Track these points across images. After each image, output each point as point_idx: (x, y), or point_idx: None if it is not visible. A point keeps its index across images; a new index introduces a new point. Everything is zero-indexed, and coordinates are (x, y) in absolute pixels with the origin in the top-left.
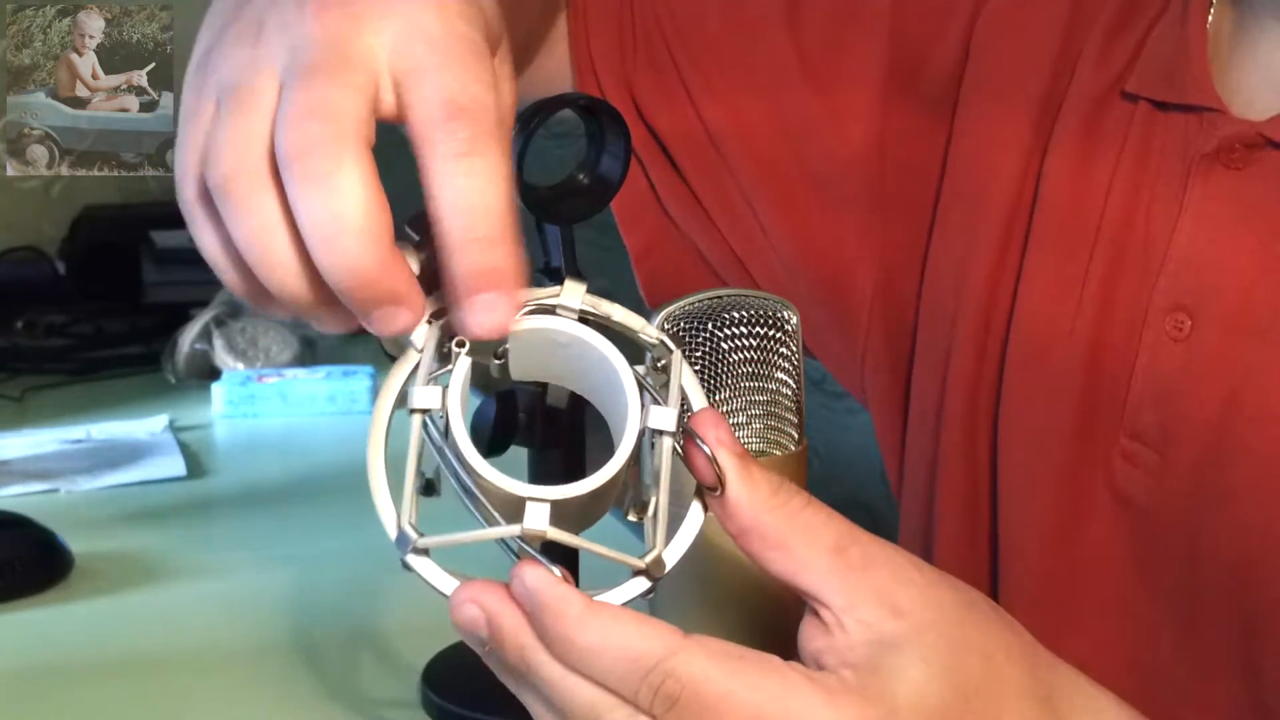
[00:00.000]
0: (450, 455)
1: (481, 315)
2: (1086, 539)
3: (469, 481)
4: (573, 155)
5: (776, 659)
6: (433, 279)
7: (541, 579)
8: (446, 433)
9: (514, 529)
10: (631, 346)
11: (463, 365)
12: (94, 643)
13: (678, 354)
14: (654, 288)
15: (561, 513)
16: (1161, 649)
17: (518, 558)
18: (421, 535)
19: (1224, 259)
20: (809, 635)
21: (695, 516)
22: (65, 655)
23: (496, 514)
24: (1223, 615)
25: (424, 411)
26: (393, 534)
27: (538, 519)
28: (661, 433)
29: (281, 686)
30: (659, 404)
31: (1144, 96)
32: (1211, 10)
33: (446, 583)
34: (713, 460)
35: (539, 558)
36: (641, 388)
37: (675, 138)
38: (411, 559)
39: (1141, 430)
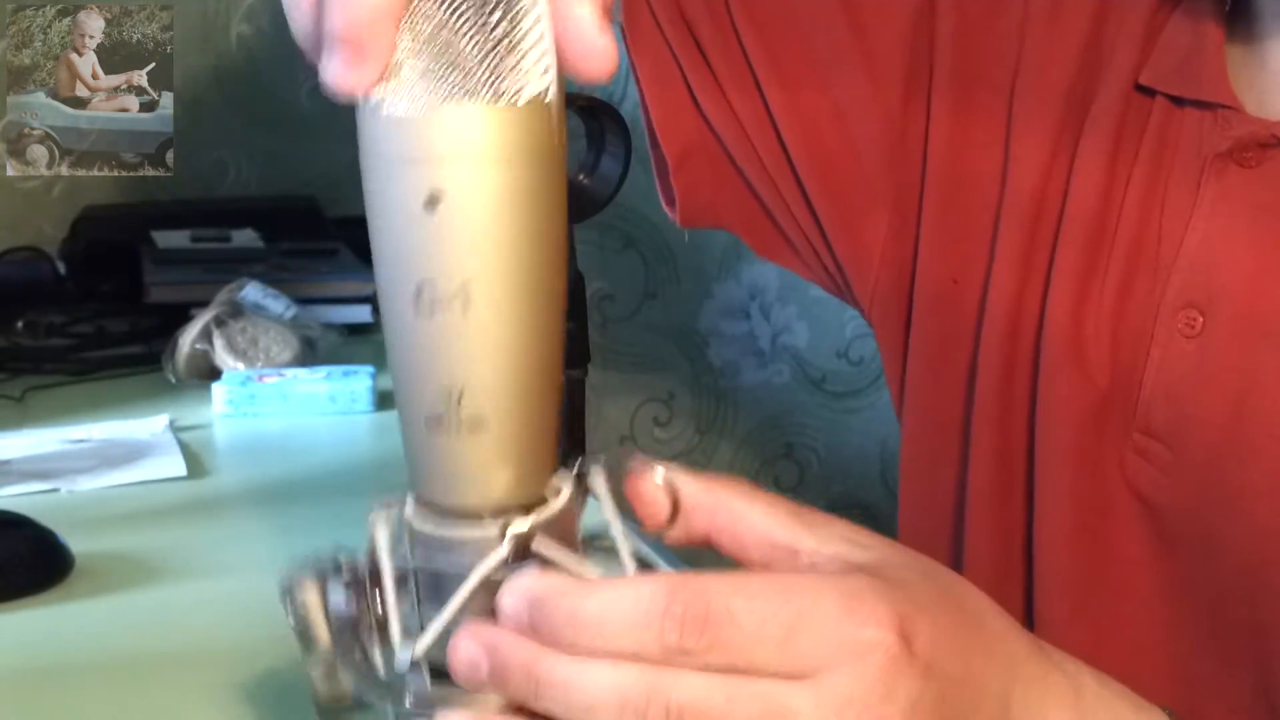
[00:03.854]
0: (423, 548)
1: None
2: (1109, 536)
3: (448, 568)
4: (573, 155)
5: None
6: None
7: (531, 576)
8: (410, 538)
9: (503, 549)
10: None
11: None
12: (94, 642)
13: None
14: (691, 200)
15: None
16: (1182, 645)
17: None
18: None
19: (1236, 258)
20: None
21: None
22: (66, 655)
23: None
24: (1241, 613)
25: (385, 512)
26: (376, 680)
27: (519, 526)
28: (591, 465)
29: (282, 686)
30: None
31: (1160, 91)
32: (1226, 8)
33: (445, 690)
34: (667, 483)
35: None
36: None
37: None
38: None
39: (1154, 426)
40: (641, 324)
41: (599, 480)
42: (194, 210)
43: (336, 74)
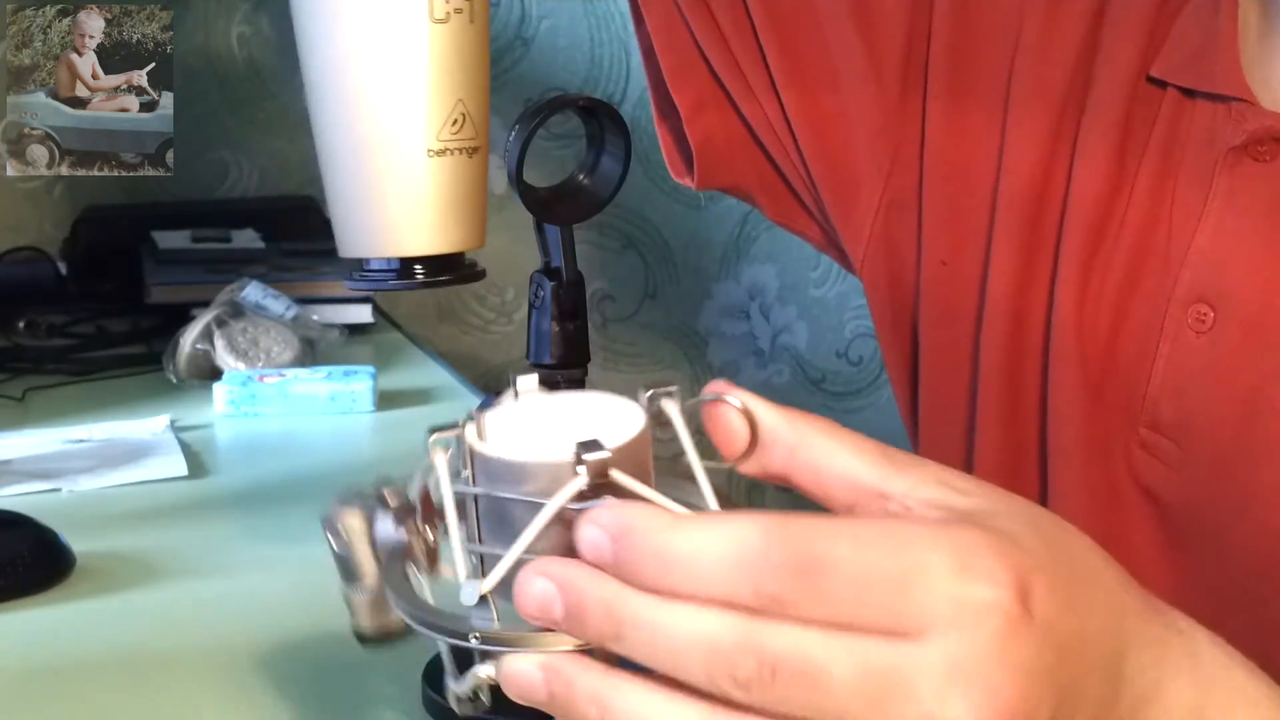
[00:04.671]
0: (486, 475)
1: None
2: (1117, 529)
3: (516, 494)
4: (573, 156)
5: None
6: None
7: (616, 507)
8: (471, 464)
9: (580, 480)
10: None
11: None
12: (96, 642)
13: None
14: (708, 154)
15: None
16: None
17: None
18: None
19: (1249, 252)
20: None
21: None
22: (67, 655)
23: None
24: (1248, 615)
25: (443, 444)
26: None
27: (597, 451)
28: (666, 394)
29: (283, 686)
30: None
31: (1172, 83)
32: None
33: (516, 631)
34: (744, 410)
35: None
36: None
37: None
38: (478, 620)
39: (1161, 421)
40: (641, 324)
41: (674, 407)
42: (194, 210)
43: None
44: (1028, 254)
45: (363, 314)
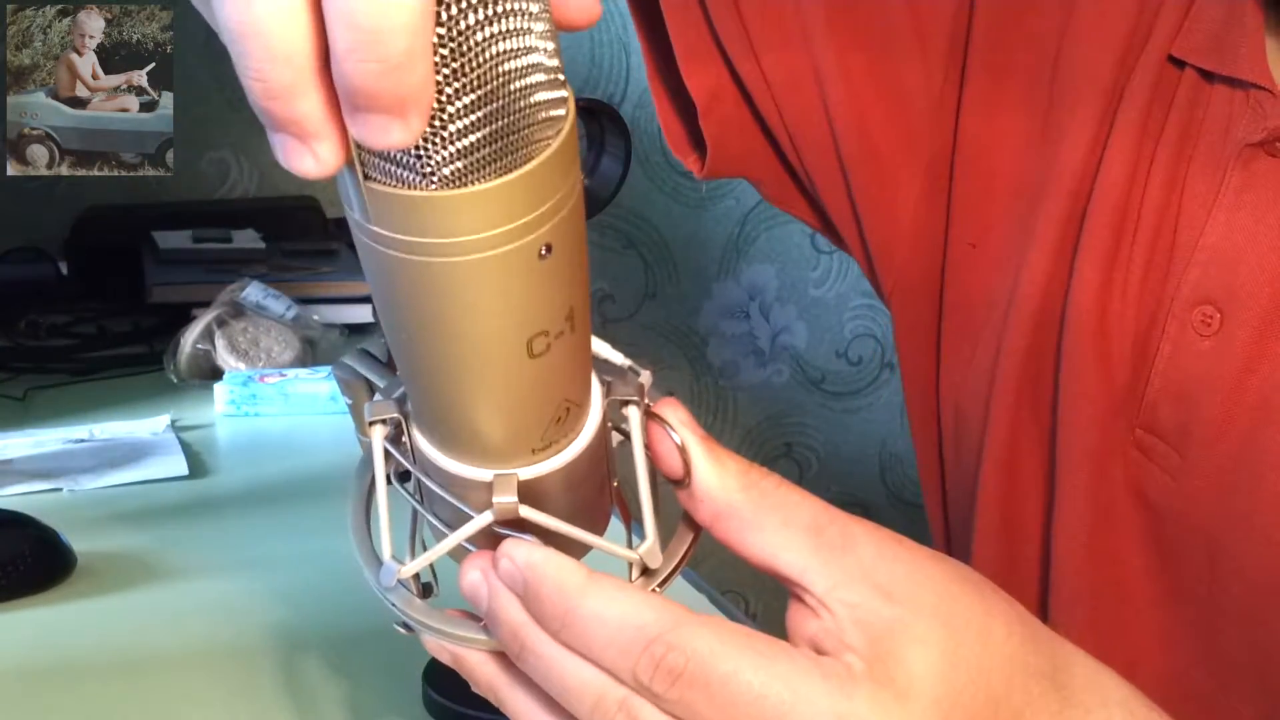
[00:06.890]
0: (417, 467)
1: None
2: (1111, 535)
3: (442, 490)
4: None
5: (785, 642)
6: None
7: (534, 552)
8: (411, 450)
9: (486, 515)
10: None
11: None
12: (96, 641)
13: (645, 374)
14: (722, 150)
15: (539, 497)
16: (1180, 656)
17: None
18: (402, 563)
19: (1261, 253)
20: (798, 620)
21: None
22: (67, 654)
23: (474, 513)
24: (1243, 630)
25: (382, 421)
26: (374, 570)
27: (506, 489)
28: (626, 402)
29: (283, 686)
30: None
31: (1191, 64)
32: None
33: (429, 614)
34: (680, 448)
35: (521, 537)
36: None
37: None
38: (393, 597)
39: (1158, 424)
40: (641, 324)
41: (635, 422)
42: (195, 210)
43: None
44: (1058, 246)
45: (363, 314)
